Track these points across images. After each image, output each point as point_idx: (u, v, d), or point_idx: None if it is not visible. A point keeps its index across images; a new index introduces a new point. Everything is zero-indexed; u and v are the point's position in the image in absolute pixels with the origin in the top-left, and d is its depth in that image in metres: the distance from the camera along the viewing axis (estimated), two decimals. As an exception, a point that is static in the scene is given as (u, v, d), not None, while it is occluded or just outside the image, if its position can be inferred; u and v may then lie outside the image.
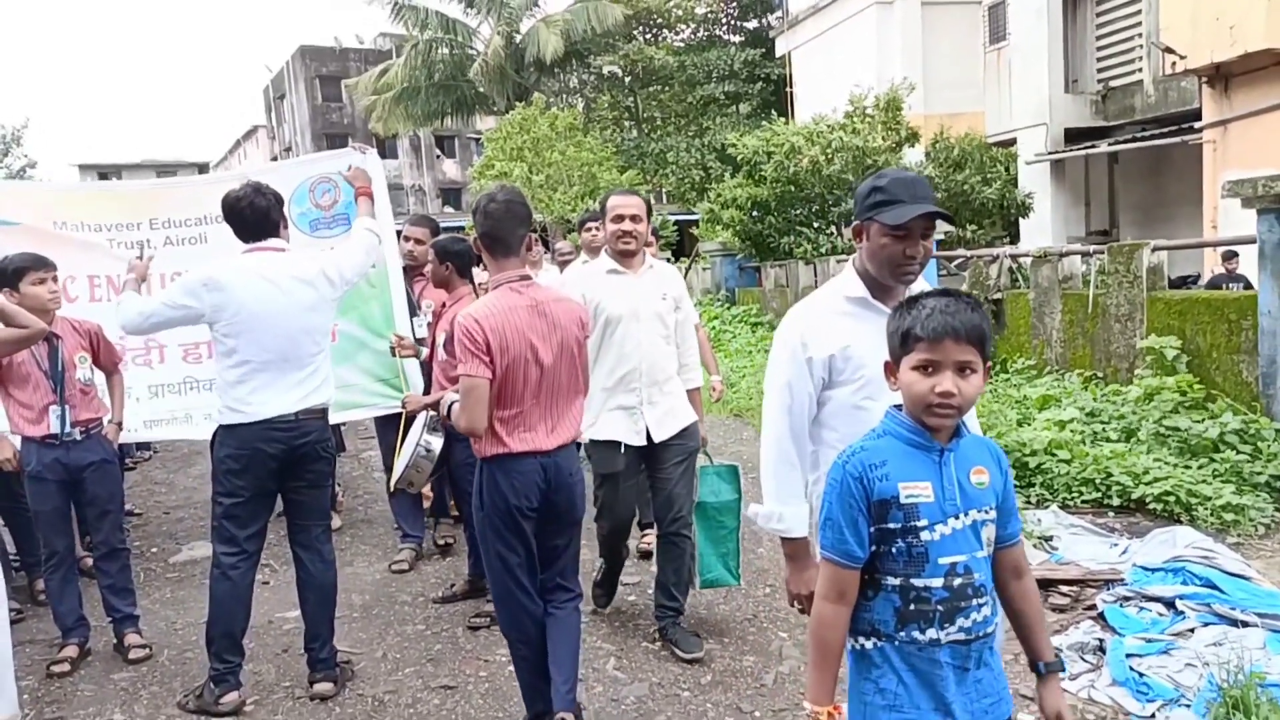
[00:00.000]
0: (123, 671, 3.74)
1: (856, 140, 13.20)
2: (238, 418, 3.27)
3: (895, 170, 2.26)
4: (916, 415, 1.70)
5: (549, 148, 20.30)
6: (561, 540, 2.98)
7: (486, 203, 2.84)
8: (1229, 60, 10.15)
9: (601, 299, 3.51)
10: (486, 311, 2.74)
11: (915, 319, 1.68)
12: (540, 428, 2.82)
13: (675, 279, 3.78)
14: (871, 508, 1.68)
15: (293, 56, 39.80)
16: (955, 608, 1.68)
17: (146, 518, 6.19)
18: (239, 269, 3.30)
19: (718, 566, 3.73)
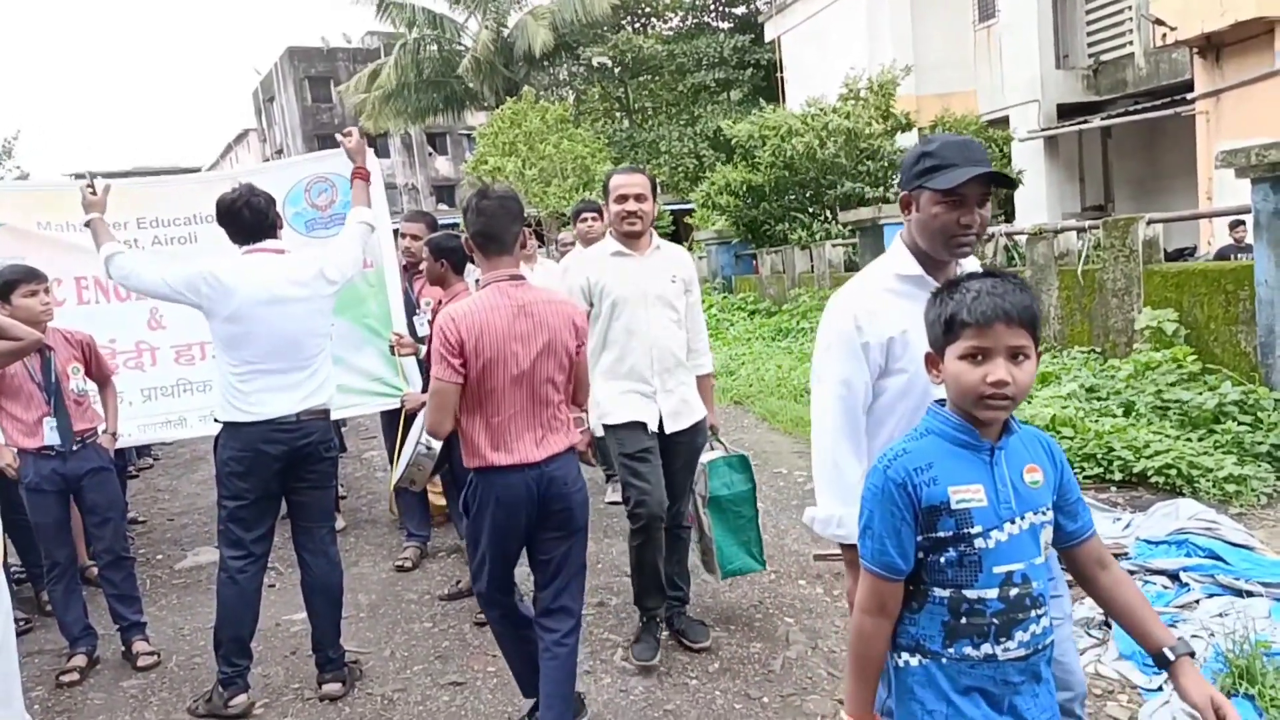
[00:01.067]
0: (132, 679, 3.75)
1: (850, 123, 13.15)
2: (241, 416, 3.26)
3: (945, 134, 2.09)
4: (966, 409, 1.55)
5: (541, 141, 20.25)
6: (559, 551, 2.82)
7: (479, 200, 2.74)
8: (1220, 30, 10.13)
9: (606, 282, 3.36)
10: (465, 311, 2.64)
11: (960, 303, 1.54)
12: (526, 437, 2.68)
13: (685, 261, 3.57)
14: (919, 516, 1.54)
15: (281, 58, 39.69)
16: (1012, 620, 1.55)
17: (150, 525, 6.20)
18: (239, 269, 3.29)
19: (741, 554, 3.67)
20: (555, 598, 2.83)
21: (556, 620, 2.82)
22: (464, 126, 35.33)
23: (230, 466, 3.27)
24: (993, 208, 11.27)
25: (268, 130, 44.02)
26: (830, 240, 12.71)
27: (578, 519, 2.82)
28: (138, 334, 4.72)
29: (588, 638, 3.74)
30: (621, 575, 4.44)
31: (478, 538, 2.77)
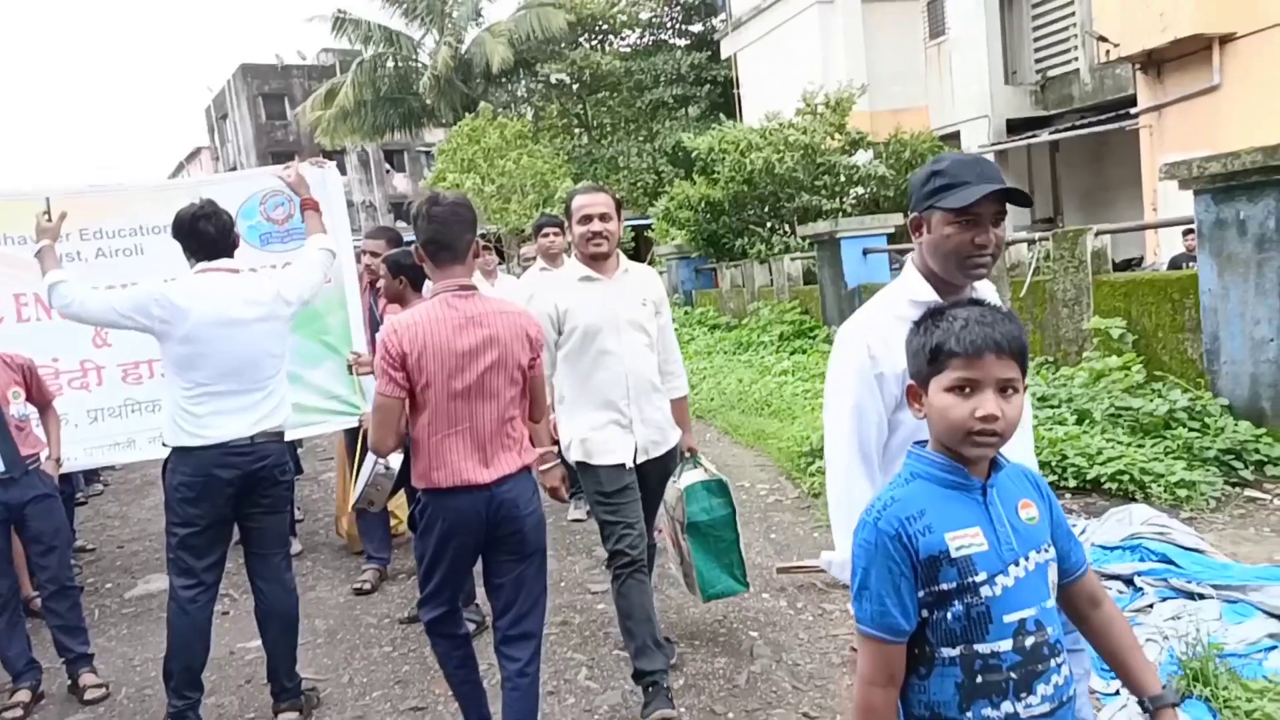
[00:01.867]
0: (79, 713, 3.62)
1: (807, 138, 13.31)
2: (193, 440, 3.15)
3: (955, 153, 1.98)
4: (952, 445, 1.46)
5: (501, 157, 20.21)
6: (513, 575, 2.71)
7: (429, 207, 2.62)
8: (1160, 47, 10.43)
9: (574, 309, 3.17)
10: (408, 323, 2.53)
11: (948, 331, 1.45)
12: (474, 457, 2.57)
13: (654, 282, 3.42)
14: (918, 569, 1.42)
15: (234, 75, 39.20)
16: (1031, 673, 1.43)
17: (100, 553, 6.02)
18: (192, 291, 3.18)
19: (723, 577, 3.58)
20: (514, 624, 2.73)
21: (516, 648, 2.72)
22: (421, 143, 35.17)
23: (181, 492, 3.16)
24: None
25: (221, 148, 43.38)
26: (789, 254, 12.83)
27: (531, 542, 2.71)
28: (82, 353, 4.55)
29: (550, 656, 3.69)
30: (585, 593, 4.41)
31: (423, 559, 2.69)
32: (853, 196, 13.47)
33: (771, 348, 10.86)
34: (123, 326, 3.25)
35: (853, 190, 13.48)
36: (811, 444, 6.09)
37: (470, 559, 2.70)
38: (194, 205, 3.27)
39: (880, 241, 10.19)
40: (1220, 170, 5.06)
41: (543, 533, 2.76)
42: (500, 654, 2.76)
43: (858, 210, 12.94)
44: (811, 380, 8.61)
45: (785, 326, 11.15)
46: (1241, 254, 5.08)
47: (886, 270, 10.27)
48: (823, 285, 10.56)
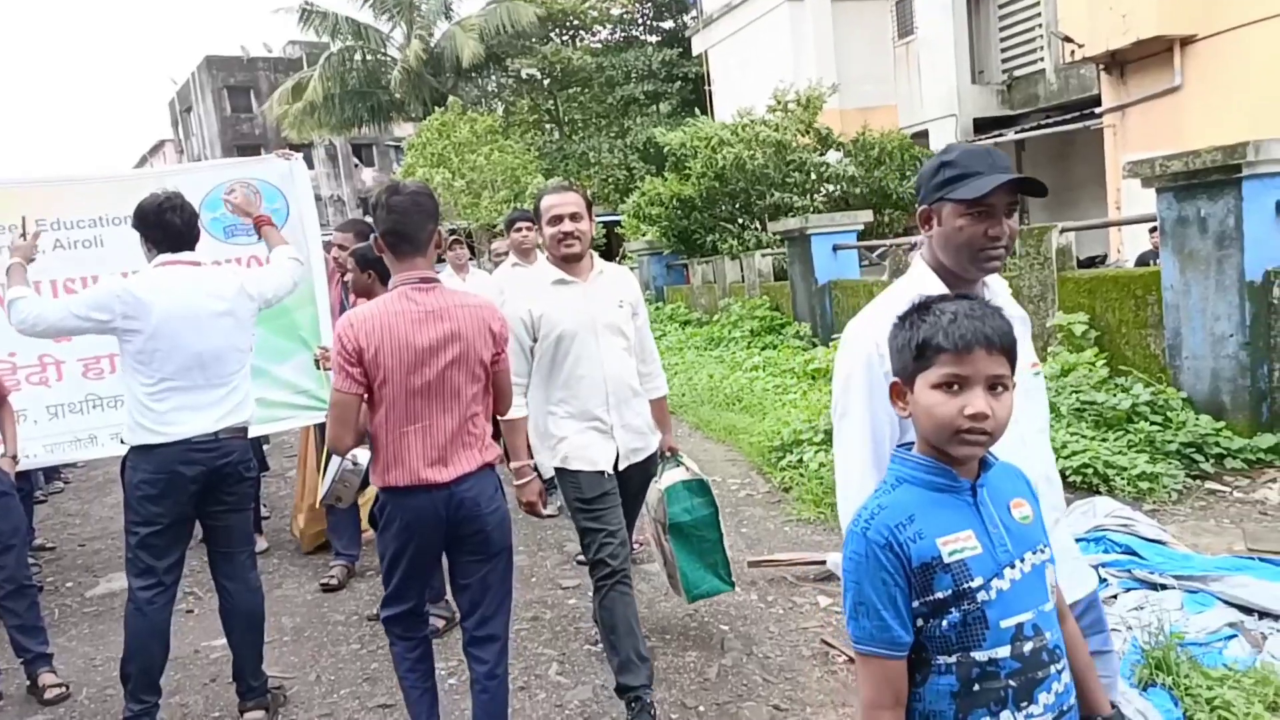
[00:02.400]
0: (38, 714, 3.55)
1: (778, 135, 13.36)
2: (154, 438, 3.07)
3: (963, 144, 1.89)
4: (940, 445, 1.41)
5: (471, 152, 20.08)
6: (478, 575, 2.65)
7: (389, 196, 2.53)
8: (1123, 48, 10.59)
9: (549, 314, 3.06)
10: (365, 317, 2.46)
11: (935, 326, 1.39)
12: (432, 456, 2.50)
13: (630, 283, 3.31)
14: (911, 578, 1.37)
15: (198, 68, 38.56)
16: (1031, 680, 1.38)
17: (60, 551, 5.90)
18: (155, 285, 3.10)
19: (708, 577, 3.55)
20: (480, 625, 2.69)
21: (483, 649, 2.69)
22: (390, 138, 34.82)
23: (142, 490, 3.08)
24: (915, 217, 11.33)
25: (185, 141, 42.66)
26: (760, 250, 12.87)
27: (495, 542, 2.64)
28: (40, 347, 4.41)
29: (521, 652, 3.68)
30: (556, 588, 4.40)
31: (384, 558, 2.63)
32: (823, 194, 13.54)
33: (742, 343, 10.89)
34: (83, 330, 3.17)
35: (823, 188, 13.55)
36: (782, 439, 6.12)
37: (432, 559, 2.64)
38: (159, 195, 3.19)
39: (850, 238, 10.25)
40: (1182, 169, 5.14)
41: (507, 532, 2.69)
42: (468, 654, 2.72)
43: (828, 207, 13.01)
44: (782, 376, 8.65)
45: (756, 322, 11.19)
46: (1202, 251, 5.17)
47: (856, 267, 10.33)
48: (793, 281, 10.61)
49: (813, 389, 7.83)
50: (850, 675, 3.27)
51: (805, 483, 5.43)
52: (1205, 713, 2.58)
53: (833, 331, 9.64)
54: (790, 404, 7.35)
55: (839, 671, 3.31)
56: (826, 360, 8.32)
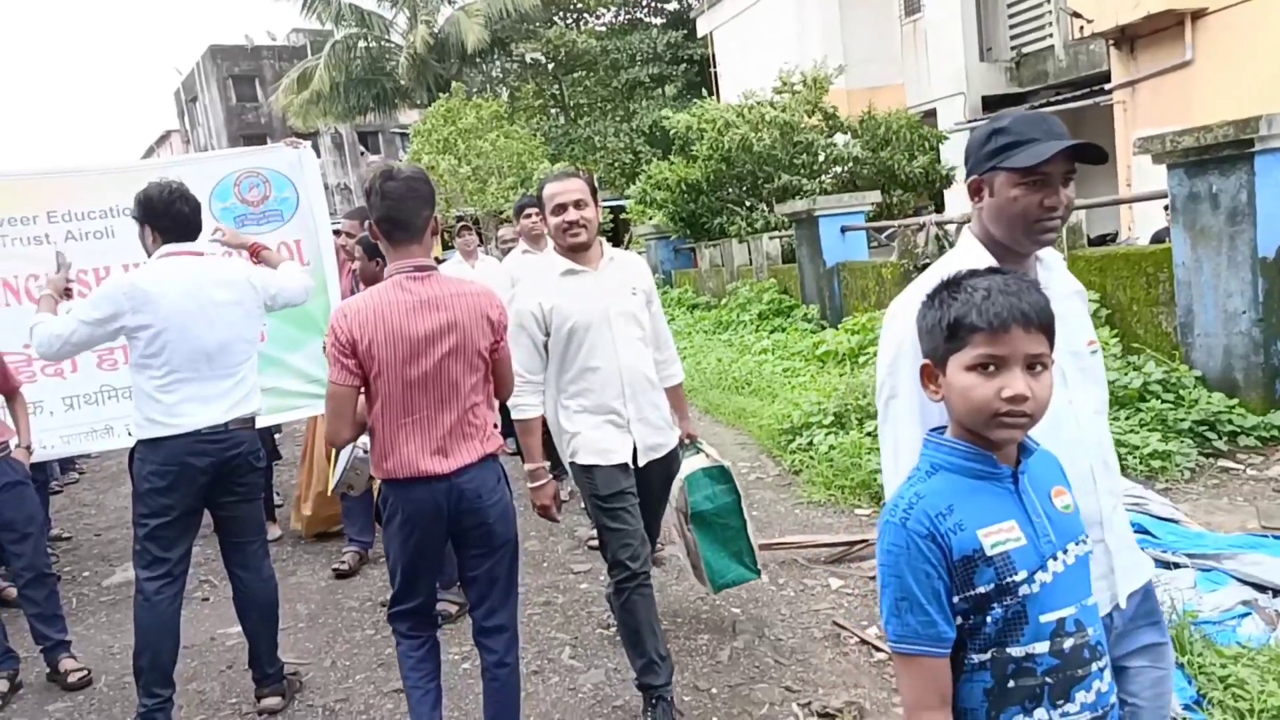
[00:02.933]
0: (58, 702, 3.59)
1: (785, 116, 13.28)
2: (164, 430, 3.05)
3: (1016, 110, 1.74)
4: (976, 429, 1.33)
5: (478, 138, 20.03)
6: (483, 568, 2.61)
7: (383, 182, 2.43)
8: (1133, 22, 10.46)
9: (561, 306, 2.93)
10: (358, 308, 2.40)
11: (968, 303, 1.31)
12: (431, 448, 2.44)
13: (643, 270, 3.19)
14: (953, 571, 1.30)
15: (203, 57, 38.51)
16: (1070, 679, 1.32)
17: (76, 541, 5.96)
18: (161, 276, 3.09)
19: (733, 566, 3.46)
20: (488, 616, 2.67)
21: (492, 639, 2.67)
22: (396, 125, 34.78)
23: (152, 482, 3.06)
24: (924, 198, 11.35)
25: (191, 131, 42.67)
26: (768, 232, 12.82)
27: (498, 534, 2.59)
28: None
29: (534, 636, 3.70)
30: (568, 573, 4.42)
31: (389, 554, 2.60)
32: (831, 175, 13.46)
33: (751, 326, 10.87)
34: (96, 339, 3.11)
35: (831, 169, 13.47)
36: (792, 422, 6.12)
37: (435, 554, 2.59)
38: (166, 184, 3.17)
39: (858, 219, 10.20)
40: (1193, 144, 5.09)
41: (510, 523, 2.64)
42: (478, 644, 2.70)
43: (836, 188, 12.93)
44: (791, 359, 8.63)
45: (764, 305, 11.17)
46: (1214, 227, 5.12)
47: (865, 248, 10.28)
48: (801, 264, 10.57)
49: (822, 372, 7.82)
50: (861, 656, 3.28)
51: (815, 465, 5.43)
52: (1220, 691, 2.58)
53: (841, 314, 9.61)
54: (800, 386, 7.35)
55: (851, 653, 3.32)
56: (836, 342, 8.30)
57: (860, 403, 5.91)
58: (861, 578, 3.97)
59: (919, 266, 8.40)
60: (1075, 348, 1.69)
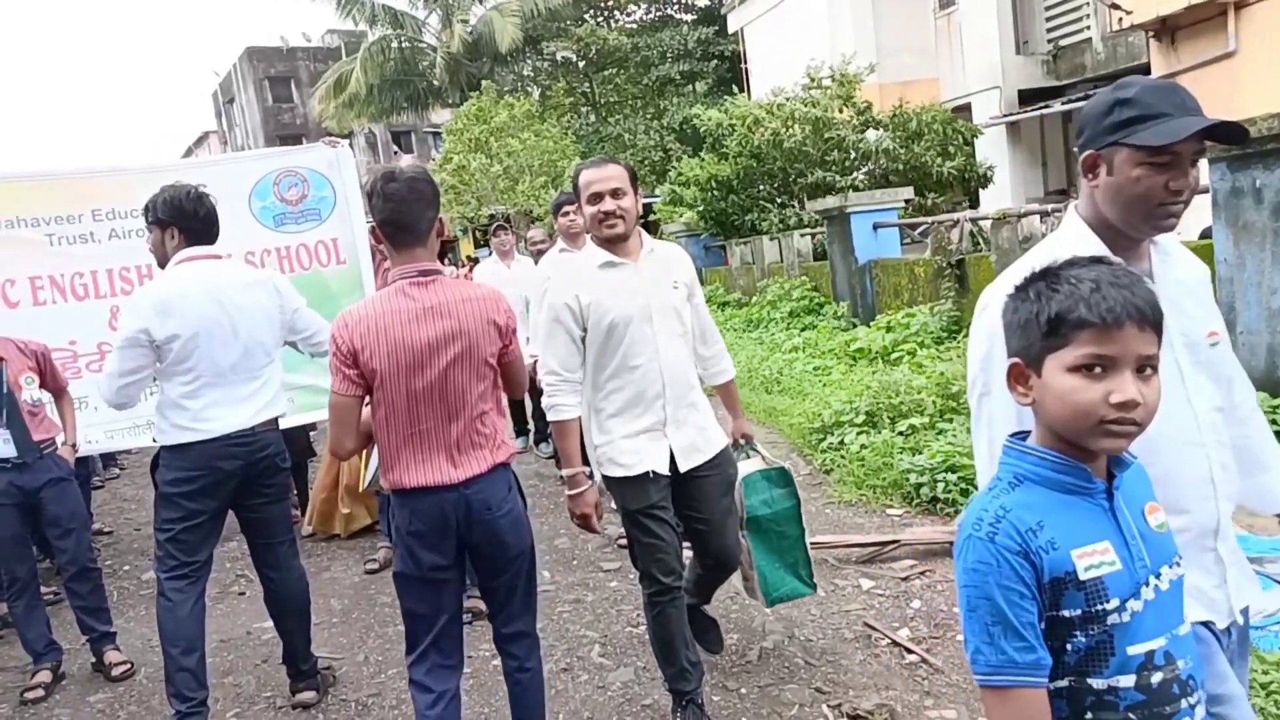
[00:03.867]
0: (99, 693, 3.67)
1: (816, 111, 13.19)
2: (191, 435, 3.04)
3: (1141, 78, 1.61)
4: (1077, 438, 1.20)
5: (510, 136, 20.14)
6: (500, 581, 2.52)
7: (384, 183, 2.33)
8: (1175, 13, 10.25)
9: (599, 300, 2.75)
10: (359, 316, 2.31)
11: (1074, 296, 1.17)
12: (439, 456, 2.35)
13: (684, 262, 2.98)
14: (1043, 594, 1.18)
15: (240, 59, 39.13)
16: (1156, 715, 1.20)
17: (117, 535, 6.09)
18: (181, 279, 3.05)
19: (788, 578, 3.22)
20: (507, 623, 2.59)
21: (513, 645, 2.60)
22: (429, 124, 35.06)
23: (179, 487, 3.04)
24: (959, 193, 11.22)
25: (229, 132, 43.37)
26: (799, 229, 12.75)
27: (510, 546, 2.47)
28: (99, 334, 4.53)
29: (563, 634, 3.72)
30: (597, 571, 4.43)
31: (397, 576, 2.48)
32: (863, 172, 13.35)
33: (781, 324, 10.82)
34: (142, 361, 3.02)
35: (863, 165, 13.35)
36: (823, 421, 6.08)
37: (447, 565, 2.43)
38: (188, 187, 3.16)
39: (891, 216, 10.11)
40: (1236, 138, 4.98)
41: (522, 533, 2.52)
42: (500, 649, 2.65)
43: (868, 185, 12.83)
44: (822, 357, 8.58)
45: (795, 303, 11.11)
46: (1258, 222, 5.01)
47: (898, 245, 10.19)
48: (833, 261, 10.49)
49: (853, 370, 7.76)
50: (893, 658, 3.26)
51: (846, 465, 5.39)
52: (1261, 698, 2.53)
53: (874, 311, 9.53)
54: (831, 385, 7.30)
55: (882, 655, 3.30)
56: (868, 340, 8.23)
57: (893, 401, 5.86)
58: (893, 579, 3.93)
59: (953, 263, 8.31)
60: (1193, 339, 1.55)
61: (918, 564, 4.05)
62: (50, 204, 4.53)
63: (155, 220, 3.14)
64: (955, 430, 5.23)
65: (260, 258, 4.79)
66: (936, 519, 4.58)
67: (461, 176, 20.88)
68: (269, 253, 4.82)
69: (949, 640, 3.35)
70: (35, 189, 4.61)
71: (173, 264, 3.11)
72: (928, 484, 4.73)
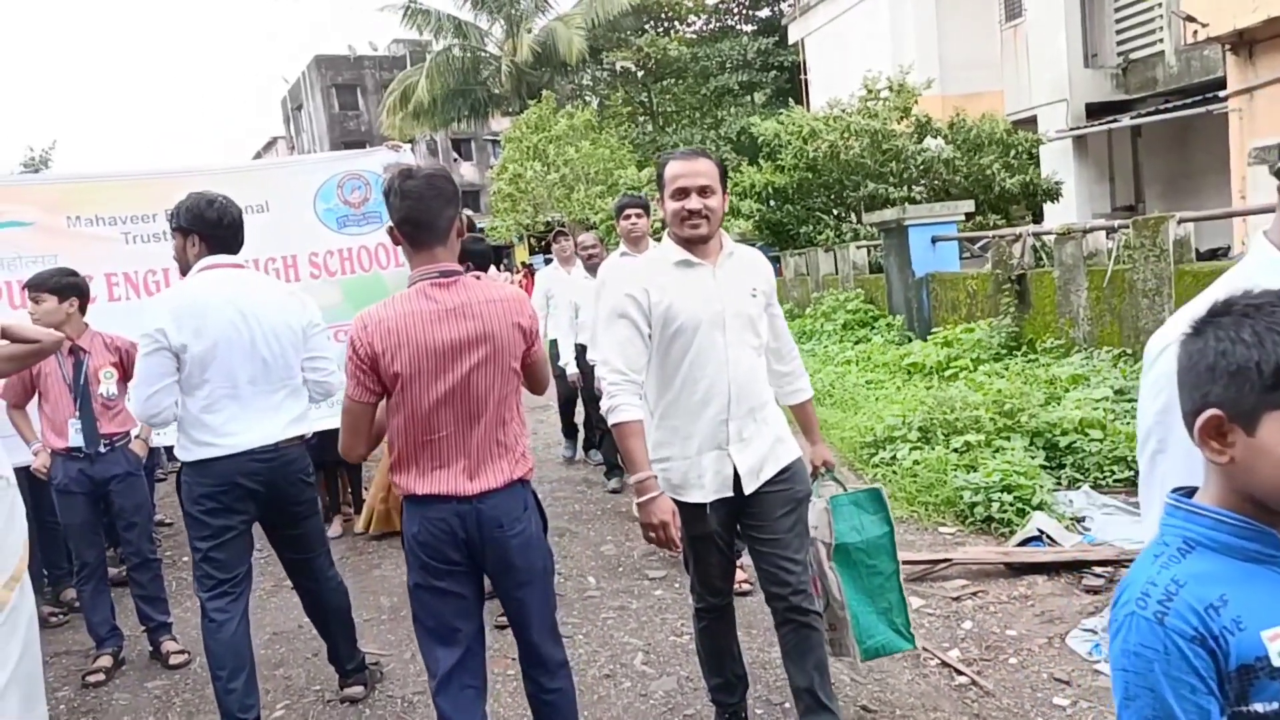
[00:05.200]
0: (156, 680, 3.78)
1: (874, 124, 13.07)
2: (213, 450, 2.95)
3: None
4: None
5: (568, 144, 20.35)
6: (514, 602, 2.39)
7: (402, 181, 2.25)
8: (1252, 26, 9.93)
9: (671, 300, 2.51)
10: (380, 318, 2.22)
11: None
12: (456, 465, 2.25)
13: (764, 267, 2.73)
14: (1226, 682, 1.00)
15: (309, 67, 40.22)
16: None
17: (177, 527, 6.25)
18: (204, 294, 2.95)
19: (881, 627, 2.82)
20: (527, 650, 2.46)
21: (536, 672, 2.46)
22: (488, 132, 35.59)
23: (203, 505, 2.96)
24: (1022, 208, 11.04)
25: (295, 138, 44.56)
26: (855, 241, 12.62)
27: (519, 569, 2.33)
28: None
29: (607, 641, 3.72)
30: (643, 578, 4.43)
31: (411, 593, 2.38)
32: (921, 184, 13.18)
33: (835, 337, 10.72)
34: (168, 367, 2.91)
35: (922, 179, 13.19)
36: (875, 435, 6.00)
37: (456, 582, 2.32)
38: (211, 195, 3.07)
39: (950, 229, 9.96)
40: (1316, 154, 4.79)
41: (536, 555, 2.38)
42: (522, 670, 2.52)
43: (927, 198, 12.65)
44: (875, 370, 8.47)
45: (849, 315, 11.00)
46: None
47: (956, 259, 10.03)
48: (889, 274, 10.36)
49: (907, 384, 7.65)
50: (942, 679, 3.19)
51: (898, 480, 5.31)
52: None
53: (930, 326, 9.39)
54: (884, 399, 7.20)
55: (930, 675, 3.24)
56: (924, 355, 8.11)
57: (948, 417, 5.76)
58: (944, 598, 3.86)
59: (1014, 279, 8.15)
60: None
61: (970, 584, 3.97)
62: (127, 203, 4.70)
63: (178, 227, 3.07)
64: (1013, 449, 5.11)
65: (323, 259, 4.91)
66: (990, 539, 4.48)
67: (518, 185, 21.15)
68: (331, 254, 4.93)
69: (1000, 663, 3.27)
70: (113, 189, 4.78)
71: (193, 272, 3.03)
72: (982, 503, 4.63)
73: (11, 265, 4.43)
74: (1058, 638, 3.38)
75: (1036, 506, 4.48)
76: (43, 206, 4.58)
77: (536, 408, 9.79)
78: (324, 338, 3.28)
